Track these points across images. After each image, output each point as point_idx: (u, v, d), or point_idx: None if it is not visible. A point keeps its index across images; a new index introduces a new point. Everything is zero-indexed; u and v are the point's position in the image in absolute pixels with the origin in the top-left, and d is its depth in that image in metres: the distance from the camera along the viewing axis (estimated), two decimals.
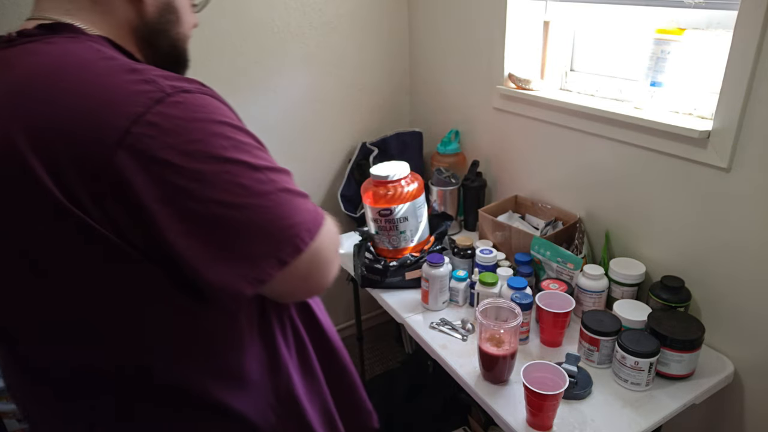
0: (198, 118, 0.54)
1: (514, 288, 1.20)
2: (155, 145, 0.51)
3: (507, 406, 1.03)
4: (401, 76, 2.05)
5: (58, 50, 0.57)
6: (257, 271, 0.57)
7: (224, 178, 0.54)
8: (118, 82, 0.53)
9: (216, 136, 0.55)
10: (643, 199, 1.27)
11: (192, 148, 0.53)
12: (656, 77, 1.20)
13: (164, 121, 0.52)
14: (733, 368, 1.12)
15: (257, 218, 0.57)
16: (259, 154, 0.59)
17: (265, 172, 0.58)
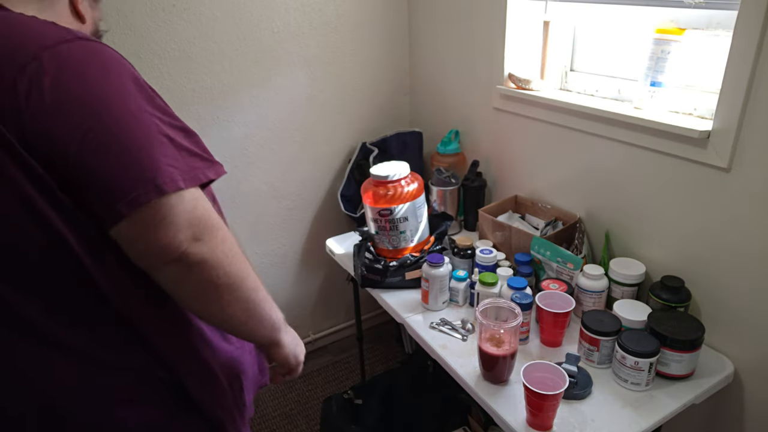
0: (93, 61, 0.62)
1: (514, 288, 1.20)
2: (55, 69, 0.59)
3: (507, 406, 1.03)
4: (401, 76, 2.05)
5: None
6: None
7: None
8: (38, 26, 0.63)
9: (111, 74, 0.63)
10: (643, 199, 1.27)
11: (89, 84, 0.61)
12: (656, 77, 1.20)
13: (57, 60, 0.59)
14: (733, 368, 1.12)
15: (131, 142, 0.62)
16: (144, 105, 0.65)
17: (151, 116, 0.64)
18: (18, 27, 0.62)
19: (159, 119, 0.64)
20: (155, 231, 0.62)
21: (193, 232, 0.63)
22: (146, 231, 0.62)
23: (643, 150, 1.23)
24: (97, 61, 0.62)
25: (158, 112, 0.65)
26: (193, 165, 0.66)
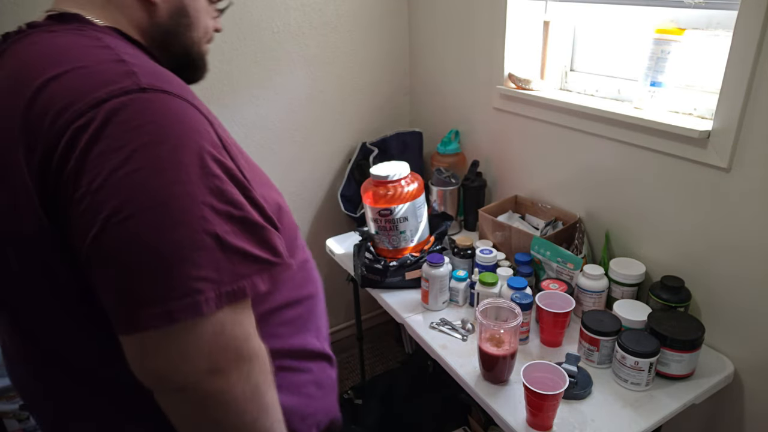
0: (162, 124, 0.52)
1: (514, 288, 1.20)
2: (101, 134, 0.49)
3: (507, 406, 1.03)
4: (401, 76, 2.05)
5: (55, 40, 0.57)
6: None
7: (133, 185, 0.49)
8: (98, 68, 0.53)
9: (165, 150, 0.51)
10: (643, 199, 1.27)
11: (133, 155, 0.50)
12: (656, 77, 1.20)
13: (120, 115, 0.50)
14: (733, 368, 1.12)
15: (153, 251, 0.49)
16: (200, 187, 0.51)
17: (202, 207, 0.51)
18: (76, 61, 0.53)
19: (213, 210, 0.52)
20: (154, 359, 0.51)
21: (210, 362, 0.52)
22: (144, 357, 0.51)
23: (643, 150, 1.23)
24: (152, 128, 0.51)
25: (216, 200, 0.52)
26: (240, 273, 0.53)
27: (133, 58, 0.56)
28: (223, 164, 0.54)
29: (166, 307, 0.49)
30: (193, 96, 0.57)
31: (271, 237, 0.57)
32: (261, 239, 0.56)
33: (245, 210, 0.55)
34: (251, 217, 0.55)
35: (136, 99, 0.51)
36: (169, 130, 0.51)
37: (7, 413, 1.37)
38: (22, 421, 1.40)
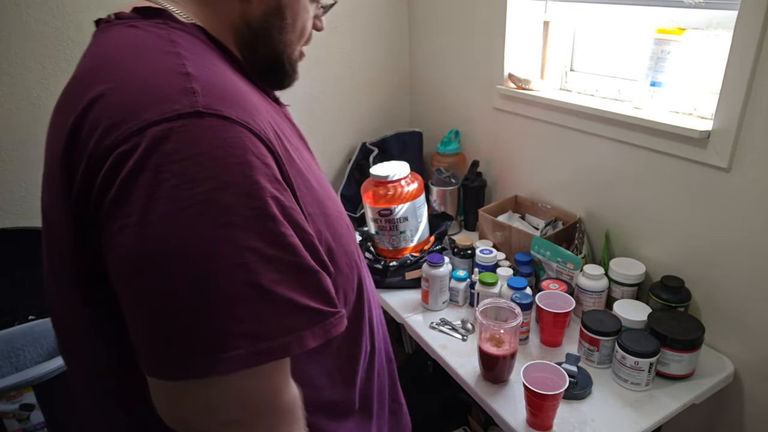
0: (212, 158, 0.46)
1: (514, 288, 1.20)
2: (145, 164, 0.45)
3: (507, 406, 1.03)
4: (401, 76, 2.05)
5: (129, 38, 0.54)
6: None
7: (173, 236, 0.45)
8: (156, 82, 0.48)
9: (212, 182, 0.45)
10: (643, 199, 1.27)
11: (175, 193, 0.45)
12: (656, 77, 1.20)
13: (169, 143, 0.45)
14: (733, 368, 1.12)
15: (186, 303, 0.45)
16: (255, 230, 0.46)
17: (246, 254, 0.46)
18: (135, 73, 0.49)
19: (260, 257, 0.46)
20: (178, 407, 0.49)
21: (231, 415, 0.48)
22: (168, 403, 0.49)
23: (644, 150, 1.23)
24: (199, 161, 0.45)
25: (266, 244, 0.47)
26: (287, 327, 0.48)
27: (201, 68, 0.51)
28: (280, 202, 0.48)
29: (195, 360, 0.45)
30: (258, 115, 0.51)
31: (325, 283, 0.52)
32: (314, 287, 0.51)
33: (299, 254, 0.49)
34: (305, 263, 0.50)
35: (188, 125, 0.45)
36: (218, 165, 0.45)
37: (7, 413, 1.37)
38: (22, 421, 1.39)
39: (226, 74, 0.54)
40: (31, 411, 1.40)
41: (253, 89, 0.59)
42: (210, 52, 0.56)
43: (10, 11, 1.38)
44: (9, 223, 1.54)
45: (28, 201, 1.54)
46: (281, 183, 0.49)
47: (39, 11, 1.41)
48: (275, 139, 0.52)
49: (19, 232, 1.52)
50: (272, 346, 0.47)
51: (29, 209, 1.55)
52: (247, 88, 0.56)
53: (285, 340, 0.47)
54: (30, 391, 1.37)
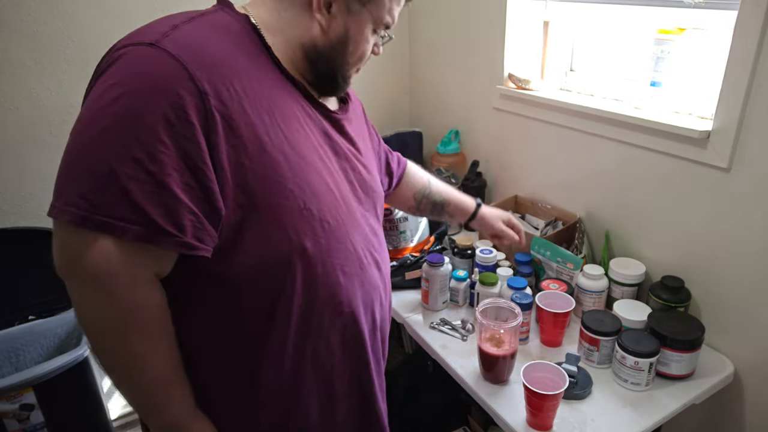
0: (137, 74, 0.61)
1: (514, 288, 1.20)
2: (106, 71, 0.63)
3: (507, 406, 1.03)
4: (401, 76, 2.05)
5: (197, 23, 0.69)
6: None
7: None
8: (152, 28, 0.65)
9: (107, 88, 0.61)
10: (643, 199, 1.27)
11: (105, 89, 0.61)
12: (656, 77, 1.20)
13: (121, 59, 0.62)
14: (733, 368, 1.12)
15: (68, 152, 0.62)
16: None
17: (117, 146, 0.59)
18: (152, 23, 0.67)
19: (127, 153, 0.59)
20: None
21: (59, 260, 0.63)
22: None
23: (643, 150, 1.23)
24: (126, 74, 0.61)
25: (137, 147, 0.59)
26: (118, 214, 0.59)
27: (195, 29, 0.66)
28: (171, 125, 0.60)
29: (54, 203, 0.61)
30: (212, 68, 0.63)
31: (179, 209, 0.62)
32: (163, 204, 0.61)
33: (164, 171, 0.60)
34: (165, 180, 0.60)
35: (140, 50, 0.62)
36: (137, 79, 0.60)
37: (7, 413, 1.37)
38: (22, 421, 1.39)
39: (216, 39, 0.66)
40: (31, 411, 1.40)
41: (257, 65, 0.69)
42: (240, 32, 0.69)
43: (10, 11, 1.38)
44: (9, 223, 1.54)
45: (28, 201, 1.54)
46: (186, 113, 0.60)
47: (39, 11, 1.41)
48: (226, 91, 0.64)
49: (19, 232, 1.52)
50: (100, 220, 0.59)
51: (29, 209, 1.55)
52: (236, 56, 0.67)
53: (115, 222, 0.59)
54: (30, 391, 1.37)
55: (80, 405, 1.50)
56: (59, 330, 1.57)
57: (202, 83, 0.61)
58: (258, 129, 0.66)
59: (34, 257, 1.51)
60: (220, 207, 0.64)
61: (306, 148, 0.73)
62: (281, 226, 0.69)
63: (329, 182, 0.75)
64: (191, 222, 0.63)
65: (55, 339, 1.57)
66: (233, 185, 0.65)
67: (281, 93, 0.72)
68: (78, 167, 0.60)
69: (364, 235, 0.82)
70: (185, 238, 0.62)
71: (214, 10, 0.71)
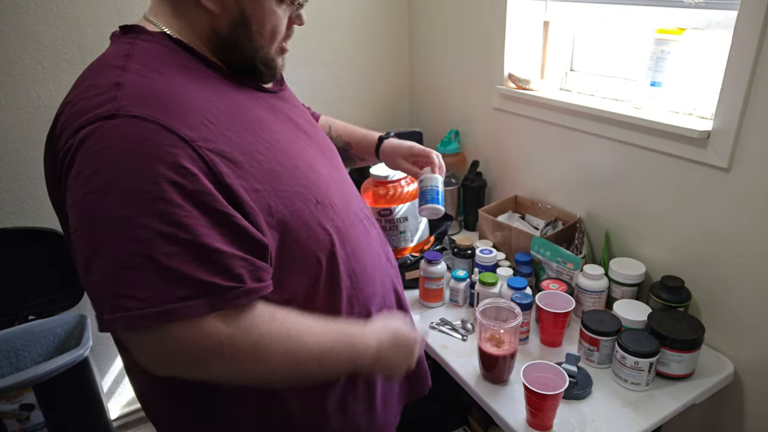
0: (115, 151, 0.56)
1: (514, 288, 1.20)
2: (74, 159, 0.58)
3: (507, 406, 1.03)
4: (401, 76, 2.05)
5: (103, 54, 0.68)
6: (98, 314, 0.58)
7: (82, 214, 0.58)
8: (93, 93, 0.60)
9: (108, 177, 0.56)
10: (643, 199, 1.27)
11: (89, 180, 0.57)
12: (656, 77, 1.20)
13: (87, 142, 0.57)
14: (733, 368, 1.12)
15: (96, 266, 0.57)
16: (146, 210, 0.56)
17: (138, 229, 0.55)
18: (86, 86, 0.62)
19: (153, 232, 0.55)
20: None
21: (150, 365, 0.60)
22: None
23: (643, 150, 1.23)
24: (106, 154, 0.56)
25: (157, 221, 0.55)
26: (176, 294, 0.56)
27: (138, 76, 0.61)
28: (180, 186, 0.57)
29: (99, 317, 0.56)
30: (179, 111, 0.60)
31: (226, 260, 0.59)
32: (210, 263, 0.58)
33: (194, 232, 0.57)
34: (201, 240, 0.57)
35: (103, 126, 0.57)
36: (122, 157, 0.56)
37: (7, 413, 1.37)
38: (22, 421, 1.39)
39: (165, 79, 0.63)
40: (31, 411, 1.40)
41: (207, 85, 0.67)
42: (170, 57, 0.66)
43: (10, 11, 1.38)
44: (9, 223, 1.54)
45: (28, 201, 1.54)
46: (185, 168, 0.57)
47: (39, 11, 1.41)
48: (205, 128, 0.61)
49: (19, 232, 1.52)
50: (160, 311, 0.55)
51: (29, 209, 1.55)
52: (189, 87, 0.64)
53: (173, 306, 0.55)
54: (30, 391, 1.37)
55: (80, 405, 1.51)
56: (59, 330, 1.57)
57: (183, 132, 0.59)
58: (251, 152, 0.66)
59: (34, 257, 1.51)
60: (261, 239, 0.63)
61: (288, 143, 0.74)
62: (307, 227, 0.71)
63: (317, 165, 0.77)
64: (244, 267, 0.60)
65: (55, 339, 1.57)
66: (260, 213, 0.64)
67: (242, 101, 0.71)
68: (106, 270, 0.55)
69: (354, 198, 0.86)
70: (248, 285, 0.60)
71: (130, 43, 0.66)
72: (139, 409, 1.88)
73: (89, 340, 1.46)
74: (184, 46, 0.68)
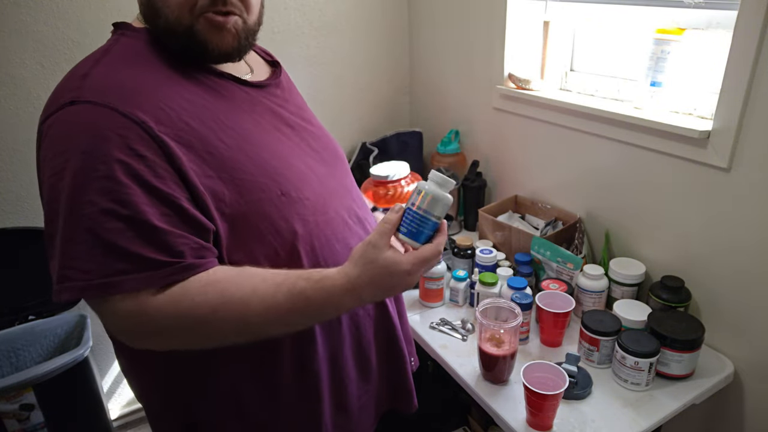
0: (70, 134, 0.61)
1: (514, 288, 1.20)
2: (42, 145, 0.64)
3: (507, 406, 1.03)
4: (401, 76, 2.05)
5: (95, 50, 0.72)
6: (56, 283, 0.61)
7: (51, 197, 0.62)
8: (63, 85, 0.65)
9: (67, 159, 0.60)
10: (643, 199, 1.27)
11: (49, 164, 0.62)
12: (656, 77, 1.20)
13: (51, 128, 0.62)
14: (733, 368, 1.12)
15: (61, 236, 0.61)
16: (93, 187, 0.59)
17: (87, 206, 0.59)
18: (62, 81, 0.68)
19: (98, 209, 0.59)
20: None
21: (109, 329, 0.64)
22: None
23: (643, 150, 1.23)
24: (63, 140, 0.61)
25: (104, 199, 0.59)
26: (117, 268, 0.59)
27: (107, 67, 0.66)
28: (128, 166, 0.60)
29: (55, 287, 0.60)
30: (136, 97, 0.63)
31: (168, 238, 0.61)
32: (153, 239, 0.60)
33: (138, 210, 0.59)
34: (143, 218, 0.60)
35: (64, 112, 0.61)
36: (75, 139, 0.60)
37: (7, 413, 1.37)
38: (22, 421, 1.39)
39: (130, 70, 0.67)
40: (31, 411, 1.40)
41: (177, 76, 0.70)
42: (146, 51, 0.70)
43: (10, 11, 1.38)
44: (9, 223, 1.54)
45: (28, 201, 1.54)
46: (134, 149, 0.60)
47: (39, 11, 1.41)
48: (162, 112, 0.64)
49: (19, 232, 1.52)
50: (102, 283, 0.58)
51: (29, 209, 1.55)
52: (153, 77, 0.67)
53: (114, 279, 0.59)
54: (30, 391, 1.37)
55: (80, 405, 1.50)
56: (59, 330, 1.57)
57: (135, 114, 0.61)
58: (209, 138, 0.67)
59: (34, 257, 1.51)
60: (203, 221, 0.64)
61: (261, 135, 0.74)
62: (268, 218, 0.70)
63: (294, 159, 0.76)
64: (186, 245, 0.62)
65: (55, 339, 1.57)
66: (211, 199, 0.65)
67: (213, 91, 0.72)
68: (59, 244, 0.60)
69: (341, 196, 0.83)
70: (187, 260, 0.62)
71: (115, 39, 0.72)
72: (138, 409, 1.89)
73: (89, 340, 1.46)
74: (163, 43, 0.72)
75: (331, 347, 0.81)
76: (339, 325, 0.82)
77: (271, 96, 0.81)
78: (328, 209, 0.79)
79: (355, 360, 0.86)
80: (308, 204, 0.75)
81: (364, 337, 0.87)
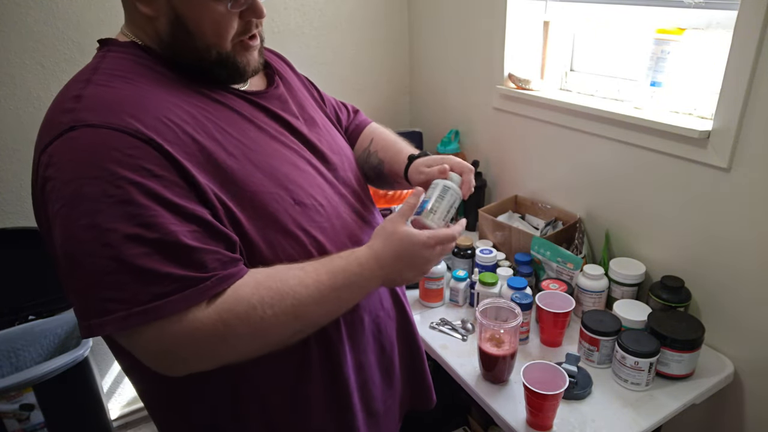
0: (77, 161, 0.57)
1: (514, 288, 1.20)
2: (47, 175, 0.59)
3: (507, 406, 1.03)
4: (401, 76, 2.05)
5: (82, 69, 0.69)
6: (81, 322, 0.59)
7: (66, 225, 0.58)
8: (55, 111, 0.62)
9: (81, 186, 0.57)
10: (643, 199, 1.27)
11: (60, 193, 0.58)
12: (656, 77, 1.20)
13: (53, 157, 0.58)
14: (733, 368, 1.12)
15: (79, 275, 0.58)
16: (116, 213, 0.57)
17: (107, 234, 0.56)
18: (55, 103, 0.65)
19: (119, 235, 0.56)
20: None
21: (149, 362, 0.61)
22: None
23: (643, 150, 1.23)
24: (70, 166, 0.58)
25: (123, 224, 0.56)
26: (154, 293, 0.57)
27: (100, 87, 0.63)
28: (143, 186, 0.58)
29: (85, 323, 0.57)
30: (137, 114, 0.61)
31: (193, 254, 0.59)
32: (180, 257, 0.58)
33: (161, 231, 0.57)
34: (168, 238, 0.58)
35: (63, 139, 0.58)
36: (83, 166, 0.57)
37: (7, 413, 1.37)
38: (22, 421, 1.39)
39: (126, 86, 0.64)
40: (31, 411, 1.40)
41: (171, 89, 0.68)
42: (136, 65, 0.68)
43: (10, 11, 1.38)
44: (9, 223, 1.54)
45: (28, 201, 1.54)
46: (147, 169, 0.58)
47: (39, 11, 1.41)
48: (164, 126, 0.62)
49: (19, 232, 1.52)
50: (144, 309, 0.56)
51: (29, 209, 1.54)
52: (150, 91, 0.65)
53: (155, 304, 0.56)
54: (30, 391, 1.37)
55: (80, 405, 1.51)
56: (59, 330, 1.57)
57: (141, 132, 0.59)
58: (216, 152, 0.65)
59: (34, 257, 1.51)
60: (231, 235, 0.64)
61: (268, 145, 0.73)
62: (285, 229, 0.70)
63: (304, 166, 0.76)
64: (218, 260, 0.61)
65: (55, 339, 1.57)
66: (224, 213, 0.64)
67: (212, 101, 0.71)
68: (86, 278, 0.57)
69: (348, 198, 0.84)
70: (220, 272, 0.61)
71: (101, 56, 0.69)
72: (139, 408, 1.89)
73: (89, 340, 1.46)
74: (154, 53, 0.70)
75: (356, 352, 0.81)
76: (362, 327, 0.81)
77: (271, 99, 0.80)
78: (341, 213, 0.79)
79: (379, 364, 0.86)
80: (322, 210, 0.75)
81: (387, 339, 0.87)
